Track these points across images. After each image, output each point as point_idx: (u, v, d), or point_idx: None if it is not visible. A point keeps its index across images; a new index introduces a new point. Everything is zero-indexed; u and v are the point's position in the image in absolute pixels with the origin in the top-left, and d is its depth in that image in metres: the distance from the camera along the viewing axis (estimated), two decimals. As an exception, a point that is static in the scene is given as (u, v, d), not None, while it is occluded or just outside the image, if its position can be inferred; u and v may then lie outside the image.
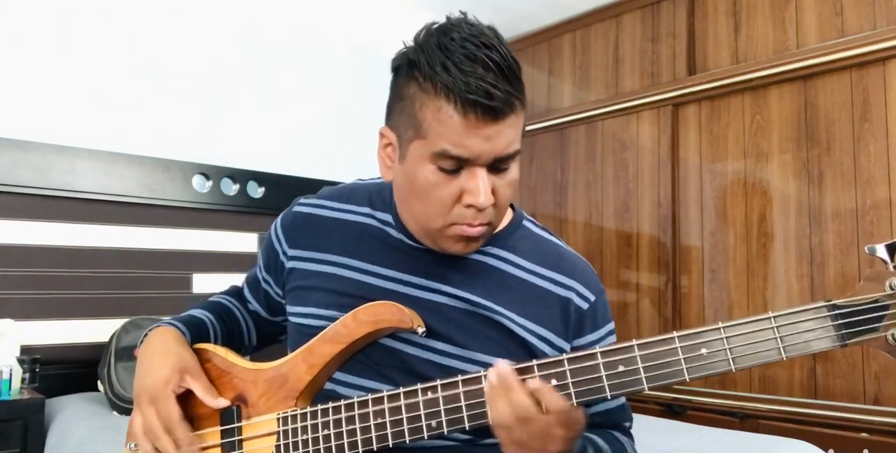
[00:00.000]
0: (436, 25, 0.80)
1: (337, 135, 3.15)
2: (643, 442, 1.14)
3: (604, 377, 0.71)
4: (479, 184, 0.79)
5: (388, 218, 0.94)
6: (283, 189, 2.88)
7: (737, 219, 2.62)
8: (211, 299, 1.10)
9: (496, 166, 0.80)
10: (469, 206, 0.80)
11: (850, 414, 2.21)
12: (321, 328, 0.87)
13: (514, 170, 0.83)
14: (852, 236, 2.31)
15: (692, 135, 2.80)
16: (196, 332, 0.99)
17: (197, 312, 1.04)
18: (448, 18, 0.81)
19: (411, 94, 0.80)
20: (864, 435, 2.18)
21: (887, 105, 2.26)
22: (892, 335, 0.63)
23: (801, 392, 2.37)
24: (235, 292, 1.13)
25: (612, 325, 0.95)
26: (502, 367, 0.72)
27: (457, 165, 0.79)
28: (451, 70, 0.75)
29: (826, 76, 2.41)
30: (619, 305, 2.97)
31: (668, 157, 2.85)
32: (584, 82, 3.24)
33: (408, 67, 0.81)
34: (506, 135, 0.78)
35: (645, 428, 1.93)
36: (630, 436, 0.97)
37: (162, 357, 0.90)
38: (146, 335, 0.96)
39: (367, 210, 0.96)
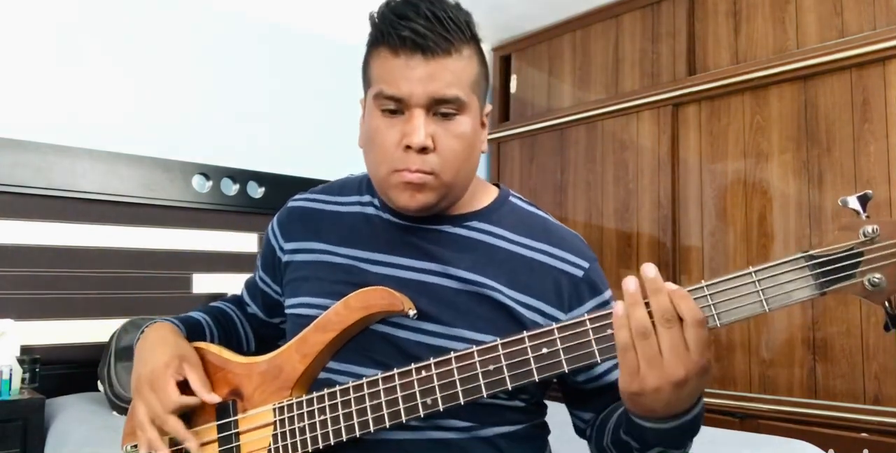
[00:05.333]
0: None
1: (336, 136, 3.15)
2: (643, 442, 1.14)
3: (593, 341, 0.72)
4: (414, 123, 0.81)
5: (375, 200, 0.96)
6: (283, 189, 2.87)
7: (737, 219, 2.62)
8: (209, 305, 1.12)
9: (437, 110, 0.83)
10: (407, 148, 0.82)
11: (850, 414, 2.21)
12: (314, 317, 0.87)
13: (463, 123, 0.84)
14: (852, 236, 2.30)
15: (692, 135, 2.80)
16: (192, 330, 1.00)
17: (195, 314, 1.06)
18: None
19: (366, 55, 0.87)
20: (864, 435, 2.18)
21: (887, 105, 2.26)
22: (869, 280, 0.64)
23: (801, 392, 2.36)
24: (234, 299, 1.15)
25: (610, 292, 0.94)
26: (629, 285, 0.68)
27: (395, 106, 0.82)
28: (388, 16, 0.81)
29: (826, 76, 2.41)
30: (619, 305, 2.96)
31: (668, 157, 2.85)
32: (584, 82, 3.24)
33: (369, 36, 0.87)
34: (441, 77, 0.81)
35: (645, 428, 1.93)
36: None
37: (160, 346, 0.91)
38: (143, 331, 0.97)
39: (355, 198, 0.98)
